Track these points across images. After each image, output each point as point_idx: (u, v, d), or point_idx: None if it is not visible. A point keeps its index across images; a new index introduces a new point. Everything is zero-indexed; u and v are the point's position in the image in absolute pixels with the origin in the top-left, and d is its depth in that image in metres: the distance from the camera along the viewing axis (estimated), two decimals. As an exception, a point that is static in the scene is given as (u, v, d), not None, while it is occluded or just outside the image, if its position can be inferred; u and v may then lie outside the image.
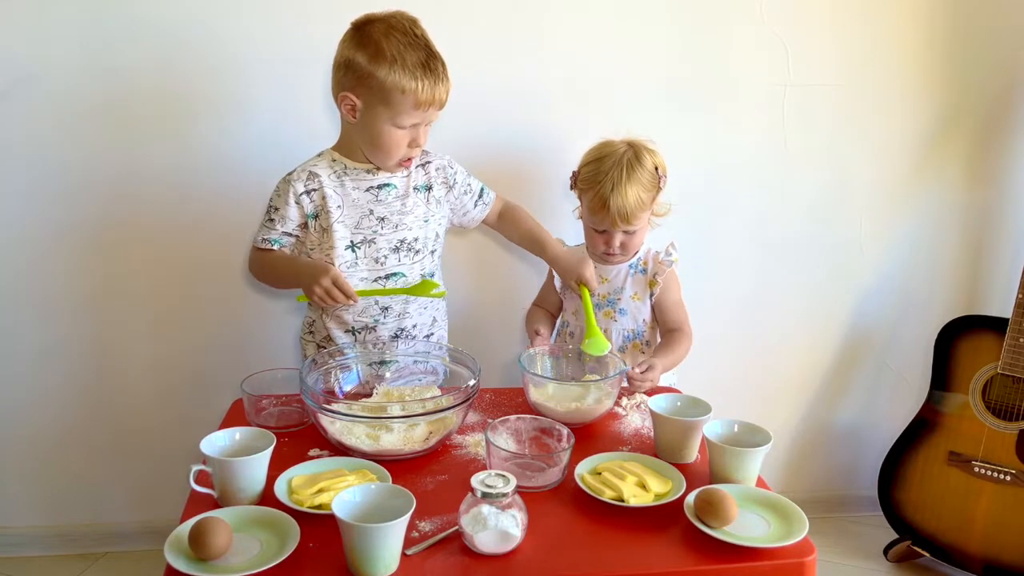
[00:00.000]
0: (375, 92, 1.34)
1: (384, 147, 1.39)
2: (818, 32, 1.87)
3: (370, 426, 1.19)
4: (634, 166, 1.52)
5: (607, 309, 1.63)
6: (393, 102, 1.34)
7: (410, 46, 1.34)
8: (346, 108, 1.39)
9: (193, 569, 0.90)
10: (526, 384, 1.35)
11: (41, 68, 1.64)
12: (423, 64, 1.34)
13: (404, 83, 1.32)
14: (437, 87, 1.35)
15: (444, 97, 1.38)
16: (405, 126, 1.37)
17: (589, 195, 1.54)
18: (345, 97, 1.37)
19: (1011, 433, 1.82)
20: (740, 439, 1.18)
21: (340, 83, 1.38)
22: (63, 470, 1.90)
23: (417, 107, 1.35)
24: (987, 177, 2.04)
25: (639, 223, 1.55)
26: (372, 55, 1.33)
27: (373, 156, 1.43)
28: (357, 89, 1.35)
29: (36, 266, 1.75)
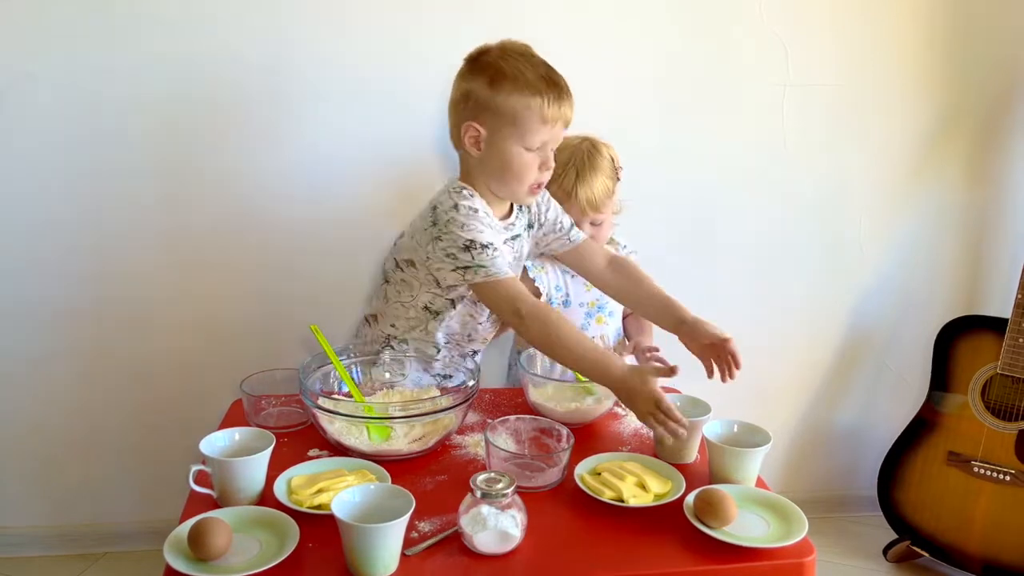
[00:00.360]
0: (500, 114, 1.30)
1: (515, 172, 1.34)
2: (818, 32, 1.87)
3: (370, 426, 1.19)
4: (594, 155, 1.55)
5: (599, 315, 1.64)
6: (520, 120, 1.29)
7: (528, 63, 1.31)
8: (470, 139, 1.33)
9: (193, 569, 0.90)
10: (525, 384, 1.36)
11: (39, 68, 1.64)
12: (544, 78, 1.30)
13: (529, 99, 1.28)
14: (563, 101, 1.32)
15: (570, 114, 1.34)
16: (534, 147, 1.32)
17: (552, 188, 1.53)
18: (468, 127, 1.32)
19: (1010, 433, 1.82)
20: (740, 439, 1.18)
21: (461, 116, 1.34)
22: (63, 470, 1.90)
23: (544, 122, 1.30)
24: (987, 177, 2.04)
25: (605, 211, 1.57)
26: (492, 78, 1.30)
27: (504, 185, 1.37)
28: (480, 116, 1.31)
29: (36, 267, 1.75)
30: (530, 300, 1.28)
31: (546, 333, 1.26)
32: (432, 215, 1.36)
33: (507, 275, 1.31)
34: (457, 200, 1.34)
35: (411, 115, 1.76)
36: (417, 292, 1.43)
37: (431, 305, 1.43)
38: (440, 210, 1.34)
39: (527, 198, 1.41)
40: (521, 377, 1.36)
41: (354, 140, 1.77)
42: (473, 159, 1.36)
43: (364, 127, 1.76)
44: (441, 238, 1.32)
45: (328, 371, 1.32)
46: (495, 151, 1.33)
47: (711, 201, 1.94)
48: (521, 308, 1.27)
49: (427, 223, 1.36)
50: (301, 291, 1.84)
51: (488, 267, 1.29)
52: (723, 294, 2.00)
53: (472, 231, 1.31)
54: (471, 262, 1.30)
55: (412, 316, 1.45)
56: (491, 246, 1.31)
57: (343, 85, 1.73)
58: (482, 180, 1.38)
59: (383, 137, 1.77)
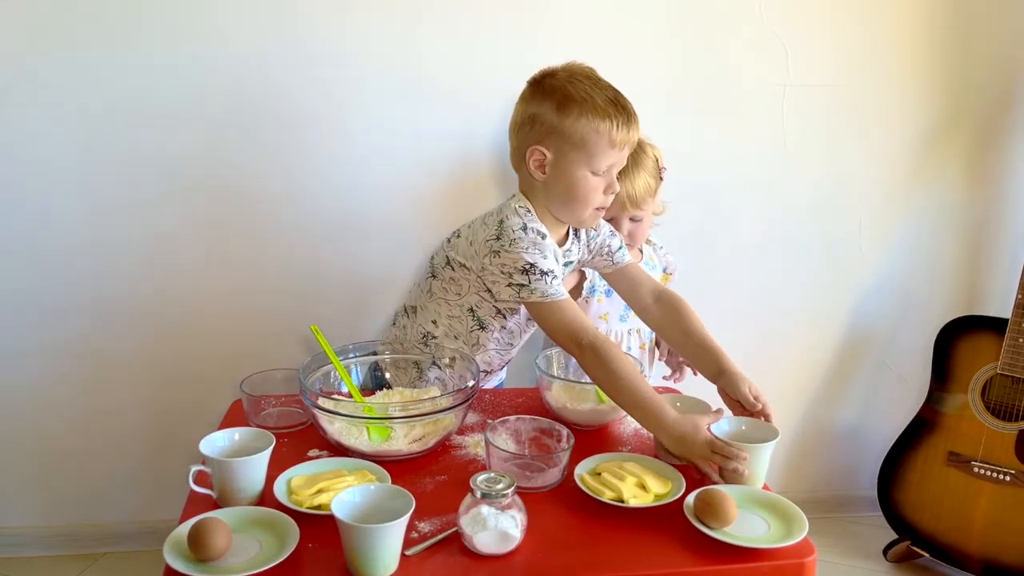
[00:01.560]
0: (567, 138, 1.29)
1: (581, 196, 1.33)
2: (817, 32, 1.87)
3: (370, 426, 1.19)
4: (638, 153, 1.56)
5: None
6: (589, 144, 1.29)
7: (596, 86, 1.30)
8: (535, 163, 1.32)
9: (192, 570, 0.90)
10: (542, 386, 1.35)
11: (39, 68, 1.64)
12: (613, 102, 1.29)
13: (598, 123, 1.27)
14: (631, 125, 1.31)
15: (636, 137, 1.33)
16: (601, 171, 1.31)
17: None
18: (534, 151, 1.32)
19: (1010, 433, 1.82)
20: (748, 437, 1.17)
21: (526, 139, 1.33)
22: (63, 470, 1.90)
23: (612, 146, 1.30)
24: (987, 177, 2.04)
25: (646, 208, 1.59)
26: (560, 102, 1.29)
27: (568, 209, 1.36)
28: (546, 140, 1.31)
29: (36, 266, 1.75)
30: (591, 331, 1.26)
31: (606, 370, 1.23)
32: (498, 228, 1.33)
33: (564, 297, 1.30)
34: (527, 221, 1.33)
35: (416, 118, 1.76)
36: (465, 293, 1.42)
37: (477, 309, 1.43)
38: (507, 225, 1.32)
39: (590, 221, 1.40)
40: (538, 378, 1.36)
41: (355, 141, 1.77)
42: (537, 182, 1.35)
43: (365, 128, 1.76)
44: (500, 254, 1.31)
45: (328, 371, 1.32)
46: (561, 175, 1.32)
47: (711, 201, 1.94)
48: (582, 339, 1.25)
49: (490, 234, 1.34)
50: (301, 291, 1.84)
51: (543, 290, 1.28)
52: (723, 294, 2.00)
53: (535, 255, 1.29)
54: (527, 283, 1.29)
55: (455, 315, 1.45)
56: (551, 273, 1.29)
57: (347, 86, 1.73)
58: (543, 203, 1.37)
59: (384, 138, 1.77)
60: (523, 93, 1.36)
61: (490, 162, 1.79)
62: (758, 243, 2.00)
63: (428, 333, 1.47)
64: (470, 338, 1.45)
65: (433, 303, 1.47)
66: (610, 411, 1.32)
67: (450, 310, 1.45)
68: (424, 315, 1.48)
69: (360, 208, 1.80)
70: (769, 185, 1.96)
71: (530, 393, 1.45)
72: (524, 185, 1.39)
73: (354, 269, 1.83)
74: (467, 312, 1.43)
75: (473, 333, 1.45)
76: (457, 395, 1.21)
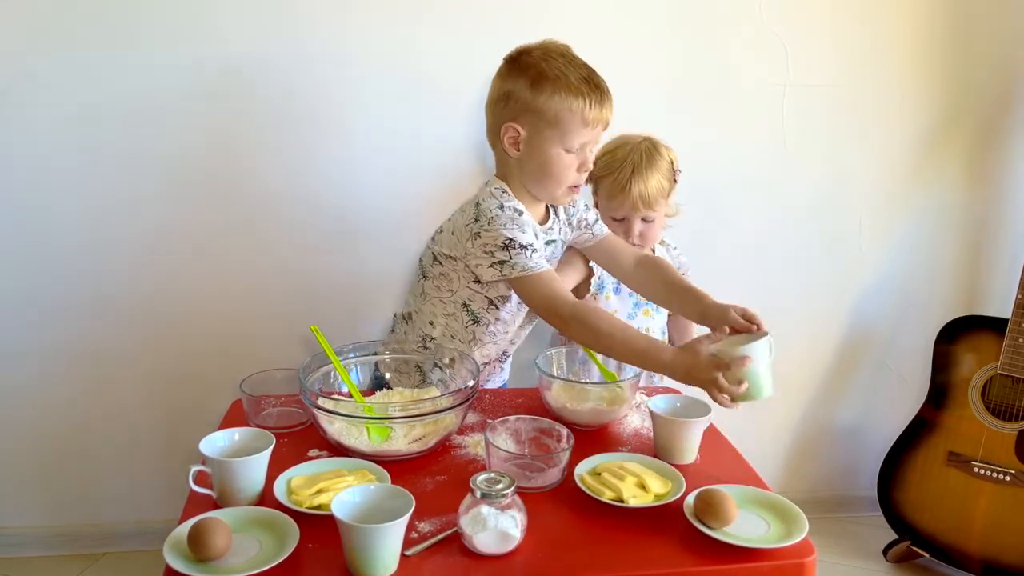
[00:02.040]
0: (541, 115, 1.30)
1: (555, 174, 1.35)
2: (817, 32, 1.87)
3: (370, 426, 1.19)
4: (653, 154, 1.58)
5: (646, 308, 1.66)
6: (562, 122, 1.30)
7: (570, 65, 1.31)
8: (509, 140, 1.34)
9: (192, 570, 0.90)
10: (542, 386, 1.35)
11: (39, 68, 1.64)
12: (587, 80, 1.31)
13: (571, 101, 1.29)
14: (604, 104, 1.32)
15: (610, 116, 1.34)
16: (574, 148, 1.33)
17: (607, 181, 1.58)
18: (508, 128, 1.33)
19: (1010, 433, 1.82)
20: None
21: (500, 116, 1.34)
22: (63, 470, 1.90)
23: (585, 125, 1.31)
24: (987, 177, 2.04)
25: (658, 210, 1.60)
26: (534, 79, 1.30)
27: (542, 186, 1.38)
28: (521, 118, 1.32)
29: (36, 266, 1.75)
30: (569, 301, 1.28)
31: (590, 332, 1.25)
32: (475, 211, 1.36)
33: (545, 269, 1.31)
34: (502, 200, 1.35)
35: (416, 118, 1.76)
36: (457, 287, 1.43)
37: (470, 303, 1.43)
38: (484, 207, 1.35)
39: (564, 199, 1.41)
40: (538, 378, 1.36)
41: (355, 141, 1.77)
42: (511, 159, 1.37)
43: (365, 128, 1.76)
44: (481, 235, 1.33)
45: (328, 371, 1.32)
46: (535, 152, 1.34)
47: (711, 201, 1.94)
48: (562, 311, 1.27)
49: (469, 219, 1.36)
50: (301, 291, 1.84)
51: (525, 263, 1.30)
52: (723, 294, 1.99)
53: (514, 230, 1.31)
54: (508, 259, 1.31)
55: (450, 312, 1.45)
56: (530, 247, 1.32)
57: (347, 86, 1.73)
58: (519, 180, 1.39)
59: (384, 138, 1.77)
60: (499, 70, 1.37)
61: (490, 162, 1.78)
62: (758, 243, 2.00)
63: (426, 335, 1.47)
64: (466, 334, 1.46)
65: (428, 304, 1.47)
66: (610, 411, 1.32)
67: (445, 308, 1.45)
68: (420, 318, 1.49)
69: (360, 208, 1.80)
70: (769, 185, 1.96)
71: (530, 393, 1.44)
72: (500, 162, 1.41)
73: (354, 269, 1.83)
74: (461, 308, 1.44)
75: (469, 329, 1.45)
76: (457, 395, 1.21)
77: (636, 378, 1.35)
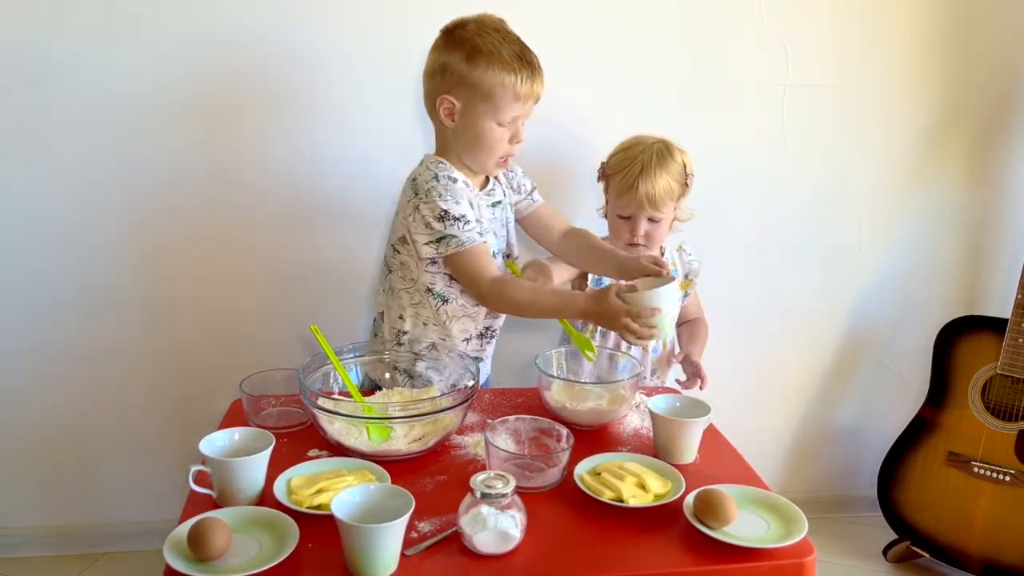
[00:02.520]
0: (475, 89, 1.34)
1: (487, 146, 1.39)
2: (817, 32, 1.87)
3: (370, 426, 1.19)
4: (664, 156, 1.58)
5: None
6: (494, 96, 1.34)
7: (504, 40, 1.35)
8: (445, 111, 1.38)
9: (192, 569, 0.90)
10: (542, 386, 1.35)
11: (39, 68, 1.64)
12: (519, 56, 1.35)
13: (503, 76, 1.33)
14: (535, 79, 1.37)
15: (541, 91, 1.39)
16: (506, 121, 1.37)
17: (617, 179, 1.59)
18: (443, 100, 1.37)
19: (1010, 433, 1.82)
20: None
21: (436, 88, 1.38)
22: (62, 470, 1.90)
23: (517, 99, 1.35)
24: (987, 177, 2.04)
25: (665, 211, 1.59)
26: (469, 53, 1.34)
27: (474, 157, 1.42)
28: (455, 90, 1.36)
29: (35, 266, 1.75)
30: (488, 275, 1.36)
31: (509, 302, 1.37)
32: (412, 186, 1.41)
33: (475, 243, 1.36)
34: (436, 171, 1.39)
35: (416, 118, 1.76)
36: (416, 272, 1.44)
37: (432, 286, 1.44)
38: (420, 180, 1.40)
39: (495, 170, 1.46)
40: (538, 378, 1.36)
41: (356, 141, 1.77)
42: (448, 130, 1.41)
43: (365, 128, 1.76)
44: (420, 207, 1.37)
45: (328, 371, 1.32)
46: (468, 124, 1.38)
47: (711, 201, 1.94)
48: (481, 285, 1.37)
49: (409, 195, 1.41)
50: (301, 291, 1.84)
51: (459, 236, 1.35)
52: (723, 294, 2.00)
53: (448, 201, 1.36)
54: (443, 232, 1.36)
55: (417, 301, 1.46)
56: (463, 218, 1.36)
57: (347, 86, 1.73)
58: (455, 151, 1.43)
59: (384, 138, 1.77)
60: (436, 41, 1.40)
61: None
62: (758, 243, 2.00)
63: (399, 331, 1.48)
64: (439, 316, 1.47)
65: (396, 299, 1.48)
66: (610, 411, 1.32)
67: (411, 298, 1.47)
68: (391, 315, 1.50)
69: (361, 208, 1.80)
70: (769, 185, 1.96)
71: (530, 393, 1.44)
72: (437, 132, 1.45)
73: (354, 269, 1.83)
74: (426, 294, 1.46)
75: (440, 311, 1.46)
76: (457, 395, 1.21)
77: (636, 378, 1.35)
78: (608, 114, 1.83)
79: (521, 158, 1.82)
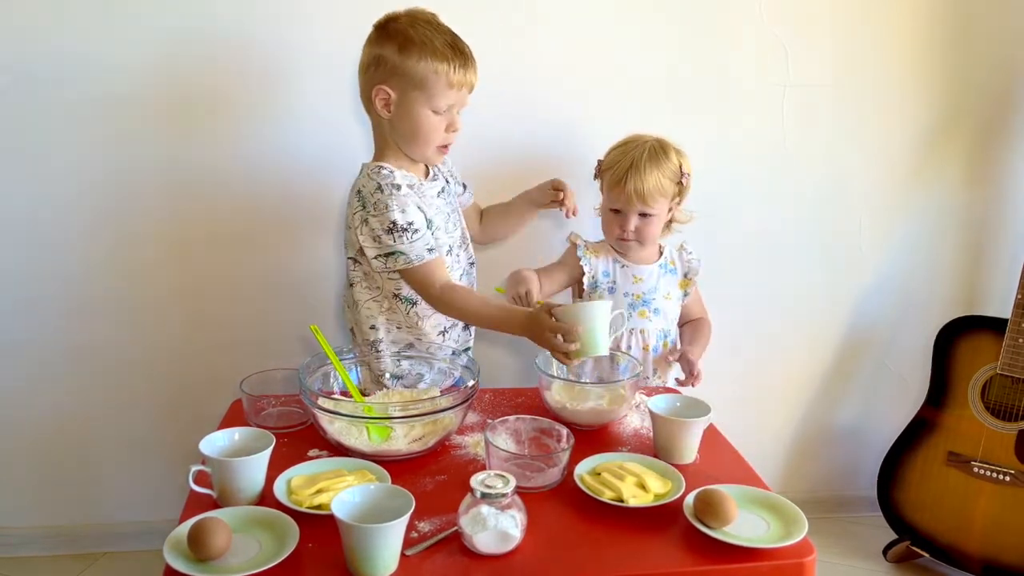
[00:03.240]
0: (409, 78, 1.36)
1: (423, 134, 1.41)
2: (817, 32, 1.87)
3: (370, 426, 1.19)
4: (658, 154, 1.59)
5: (642, 309, 1.65)
6: (428, 85, 1.36)
7: (436, 31, 1.38)
8: (381, 102, 1.39)
9: (192, 569, 0.90)
10: (542, 386, 1.35)
11: (39, 68, 1.64)
12: (451, 45, 1.37)
13: (436, 64, 1.35)
14: (468, 67, 1.39)
15: (474, 79, 1.41)
16: (441, 109, 1.39)
17: (609, 174, 1.60)
18: (379, 90, 1.39)
19: (1010, 433, 1.82)
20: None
21: (371, 80, 1.40)
22: (63, 470, 1.90)
23: (451, 87, 1.37)
24: (987, 177, 2.04)
25: (655, 207, 1.59)
26: (401, 44, 1.36)
27: (412, 146, 1.43)
28: (390, 81, 1.38)
29: (36, 266, 1.75)
30: (438, 283, 1.40)
31: (456, 309, 1.41)
32: (359, 199, 1.42)
33: (424, 260, 1.39)
34: (379, 180, 1.40)
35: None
36: (380, 281, 1.46)
37: (399, 291, 1.45)
38: (365, 192, 1.41)
39: (435, 158, 1.47)
40: (538, 378, 1.36)
41: (356, 141, 1.76)
42: (384, 122, 1.43)
43: (366, 128, 1.76)
44: (368, 220, 1.39)
45: (328, 371, 1.32)
46: (404, 113, 1.40)
47: (711, 201, 1.94)
48: (432, 292, 1.41)
49: (356, 208, 1.42)
50: (301, 291, 1.84)
51: (408, 254, 1.38)
52: (722, 294, 2.00)
53: (394, 211, 1.37)
54: (393, 246, 1.38)
55: (386, 307, 1.47)
56: (411, 227, 1.38)
57: (347, 86, 1.73)
58: (393, 142, 1.44)
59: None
60: (369, 36, 1.42)
61: (491, 162, 1.79)
62: (758, 243, 2.00)
63: (373, 341, 1.48)
64: (411, 319, 1.48)
65: (363, 310, 1.49)
66: (610, 411, 1.32)
67: (380, 306, 1.48)
68: (362, 328, 1.50)
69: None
70: (769, 185, 1.96)
71: (530, 393, 1.45)
72: (375, 125, 1.47)
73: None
74: (394, 299, 1.47)
75: (411, 313, 1.47)
76: (457, 395, 1.21)
77: (636, 378, 1.35)
78: (608, 114, 1.83)
79: (522, 159, 1.83)
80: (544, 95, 1.80)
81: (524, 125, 1.82)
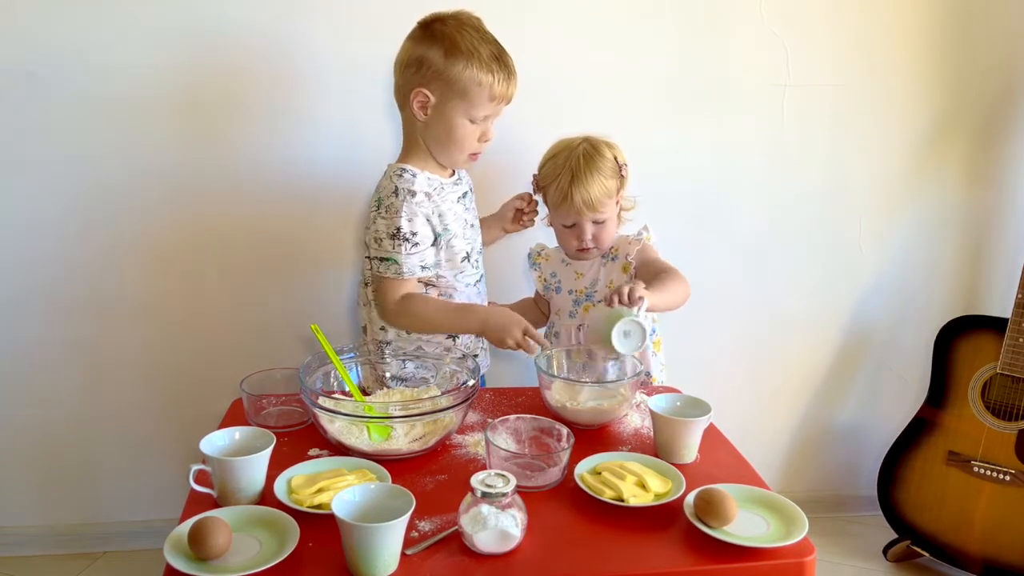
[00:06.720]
0: (451, 85, 1.36)
1: (458, 141, 1.41)
2: (817, 32, 1.87)
3: (370, 426, 1.19)
4: (592, 156, 1.55)
5: (586, 303, 1.63)
6: (470, 95, 1.37)
7: (483, 40, 1.37)
8: (418, 104, 1.39)
9: (193, 569, 0.90)
10: (542, 385, 1.35)
11: (43, 67, 1.64)
12: (497, 58, 1.37)
13: (481, 76, 1.36)
14: (511, 81, 1.40)
15: (514, 93, 1.42)
16: (478, 120, 1.40)
17: (551, 190, 1.56)
18: (418, 92, 1.38)
19: (1010, 433, 1.82)
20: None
21: (411, 80, 1.39)
22: (63, 470, 1.90)
23: (491, 100, 1.38)
24: (987, 177, 2.04)
25: (606, 211, 1.56)
26: (448, 50, 1.35)
27: (444, 151, 1.44)
28: (431, 85, 1.37)
29: (36, 265, 1.75)
30: (396, 298, 1.42)
31: (416, 319, 1.43)
32: (377, 199, 1.45)
33: (413, 276, 1.42)
34: (397, 184, 1.41)
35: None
36: None
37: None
38: (383, 193, 1.44)
39: (465, 164, 1.49)
40: (538, 378, 1.36)
41: (355, 141, 1.77)
42: (418, 123, 1.43)
43: (366, 129, 1.76)
44: (377, 221, 1.42)
45: (328, 371, 1.33)
46: (440, 118, 1.40)
47: (711, 201, 1.95)
48: (389, 307, 1.43)
49: (373, 207, 1.44)
50: (301, 291, 1.84)
51: (401, 264, 1.41)
52: (722, 294, 2.00)
53: (402, 218, 1.39)
54: (390, 253, 1.40)
55: None
56: (413, 238, 1.40)
57: (347, 86, 1.73)
58: (423, 144, 1.45)
59: (385, 139, 1.77)
60: (413, 33, 1.41)
61: (492, 162, 1.78)
62: (758, 243, 2.00)
63: (381, 342, 1.48)
64: None
65: (375, 311, 1.49)
66: (610, 410, 1.32)
67: None
68: (373, 327, 1.51)
69: (361, 208, 1.80)
70: (769, 185, 1.96)
71: (530, 392, 1.45)
72: (406, 122, 1.47)
73: (356, 267, 1.83)
74: None
75: None
76: (457, 394, 1.21)
77: (636, 378, 1.35)
78: (607, 114, 1.83)
79: (522, 159, 1.83)
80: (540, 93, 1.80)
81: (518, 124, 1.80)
